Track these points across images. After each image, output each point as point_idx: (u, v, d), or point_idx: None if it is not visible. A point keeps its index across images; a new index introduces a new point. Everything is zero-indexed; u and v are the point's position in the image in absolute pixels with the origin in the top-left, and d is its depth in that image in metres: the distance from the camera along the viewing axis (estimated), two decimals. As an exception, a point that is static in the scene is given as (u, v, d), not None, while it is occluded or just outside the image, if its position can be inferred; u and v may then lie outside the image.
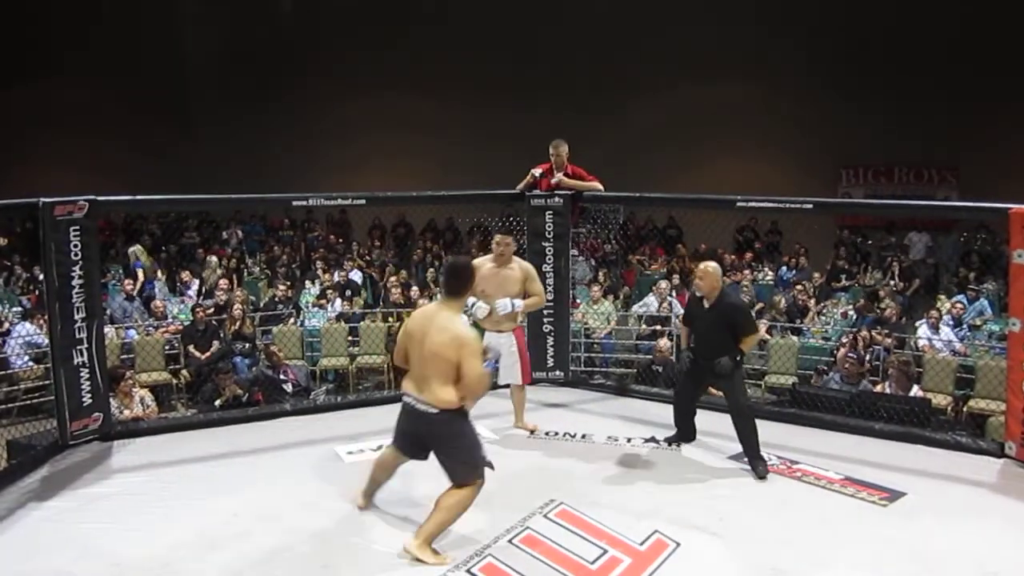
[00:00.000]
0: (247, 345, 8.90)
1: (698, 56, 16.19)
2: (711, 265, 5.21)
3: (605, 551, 4.02)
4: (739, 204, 6.74)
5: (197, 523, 4.35)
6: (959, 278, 11.72)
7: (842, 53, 15.84)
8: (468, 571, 3.82)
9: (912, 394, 7.02)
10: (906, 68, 15.44)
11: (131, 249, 12.09)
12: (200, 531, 4.25)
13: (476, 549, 4.00)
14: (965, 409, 7.79)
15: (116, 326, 9.07)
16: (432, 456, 4.03)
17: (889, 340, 8.47)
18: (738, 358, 5.14)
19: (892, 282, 11.33)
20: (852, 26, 15.86)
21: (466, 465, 3.92)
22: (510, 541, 4.12)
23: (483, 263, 5.52)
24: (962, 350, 8.54)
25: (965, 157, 15.75)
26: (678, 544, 4.10)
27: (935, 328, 8.74)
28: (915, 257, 13.03)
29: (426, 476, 4.28)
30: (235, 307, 9.21)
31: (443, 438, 3.91)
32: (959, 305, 9.25)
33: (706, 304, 5.18)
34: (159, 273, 11.53)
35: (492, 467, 3.99)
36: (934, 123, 15.34)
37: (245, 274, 12.24)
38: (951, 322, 8.89)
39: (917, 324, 9.14)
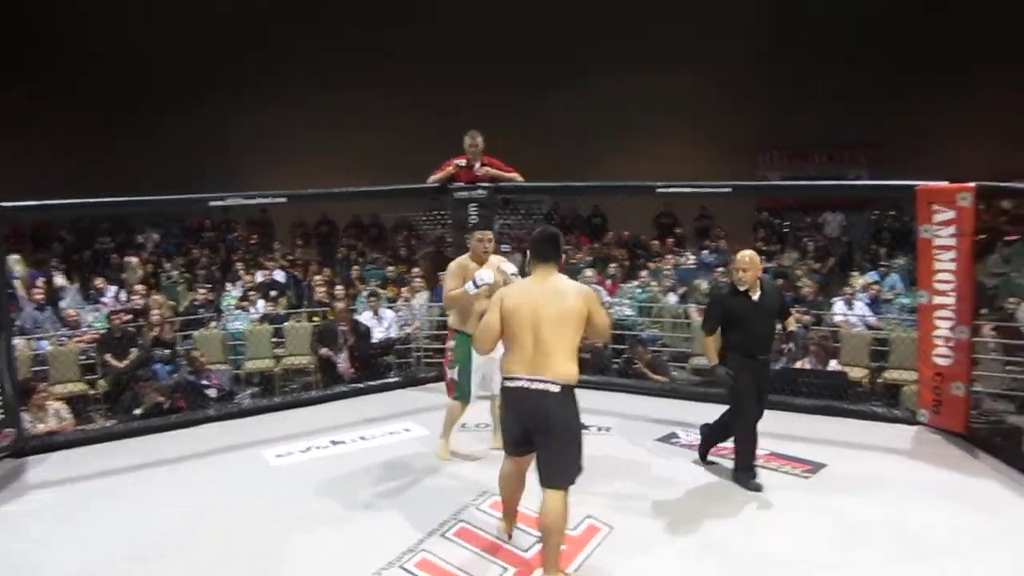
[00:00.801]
0: (167, 351, 8.65)
1: (619, 46, 16.35)
2: (749, 254, 4.82)
3: (539, 539, 4.03)
4: (659, 190, 6.86)
5: (119, 536, 4.21)
6: (871, 254, 12.13)
7: (757, 39, 16.21)
8: (402, 568, 3.79)
9: (830, 368, 7.25)
10: (818, 53, 15.89)
11: (9, 258, 11.49)
12: (123, 544, 4.12)
13: (410, 545, 3.97)
14: (880, 380, 8.07)
15: (27, 337, 8.71)
16: None
17: (807, 317, 8.70)
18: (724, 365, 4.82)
19: (809, 261, 11.66)
20: (766, 12, 16.25)
21: (566, 464, 3.58)
22: (443, 535, 4.10)
23: (468, 262, 5.11)
24: (876, 324, 8.83)
25: (875, 138, 16.32)
26: (611, 527, 4.14)
27: (850, 304, 9.02)
28: (830, 236, 13.43)
29: (355, 472, 4.23)
30: (153, 313, 8.94)
31: (561, 421, 3.55)
32: (876, 286, 9.56)
33: (753, 296, 4.76)
34: (68, 282, 11.10)
35: (582, 471, 3.65)
36: (846, 106, 15.84)
37: (163, 278, 11.89)
38: (869, 302, 9.17)
39: (833, 300, 9.42)
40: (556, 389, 3.50)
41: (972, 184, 5.29)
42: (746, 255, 4.80)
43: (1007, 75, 15.32)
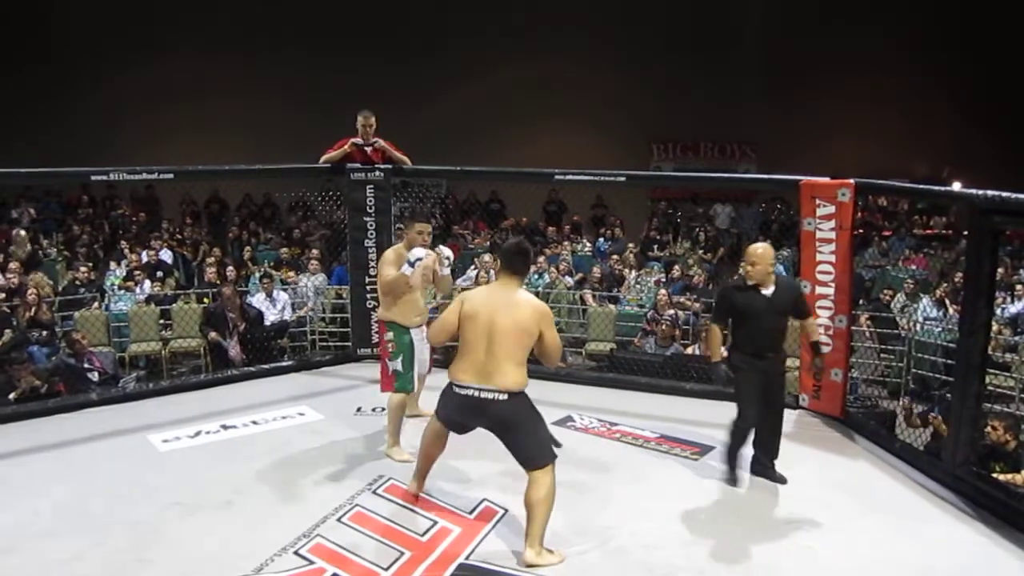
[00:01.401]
0: (44, 332, 8.22)
1: (518, 34, 16.44)
2: (760, 247, 4.60)
3: (435, 522, 4.05)
4: (557, 178, 6.98)
5: (-9, 526, 3.99)
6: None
7: (652, 33, 16.57)
8: (296, 553, 3.73)
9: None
10: (710, 48, 16.40)
11: None
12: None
13: (304, 530, 3.92)
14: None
15: None
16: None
17: (698, 305, 8.99)
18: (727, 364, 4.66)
19: (699, 251, 12.03)
20: (660, 6, 16.61)
21: (539, 446, 3.75)
22: (339, 519, 4.06)
23: (403, 251, 4.88)
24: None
25: (763, 133, 16.97)
26: (506, 510, 4.19)
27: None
28: (720, 227, 13.89)
29: (247, 457, 4.13)
30: (30, 292, 8.48)
31: (513, 423, 3.70)
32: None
33: (764, 291, 4.52)
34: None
35: (559, 444, 3.80)
36: (736, 101, 16.41)
37: (40, 256, 11.28)
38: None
39: (722, 289, 9.76)
40: (504, 398, 3.64)
41: (851, 181, 5.55)
42: (757, 248, 4.58)
43: (883, 84, 16.26)
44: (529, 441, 3.72)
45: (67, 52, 15.76)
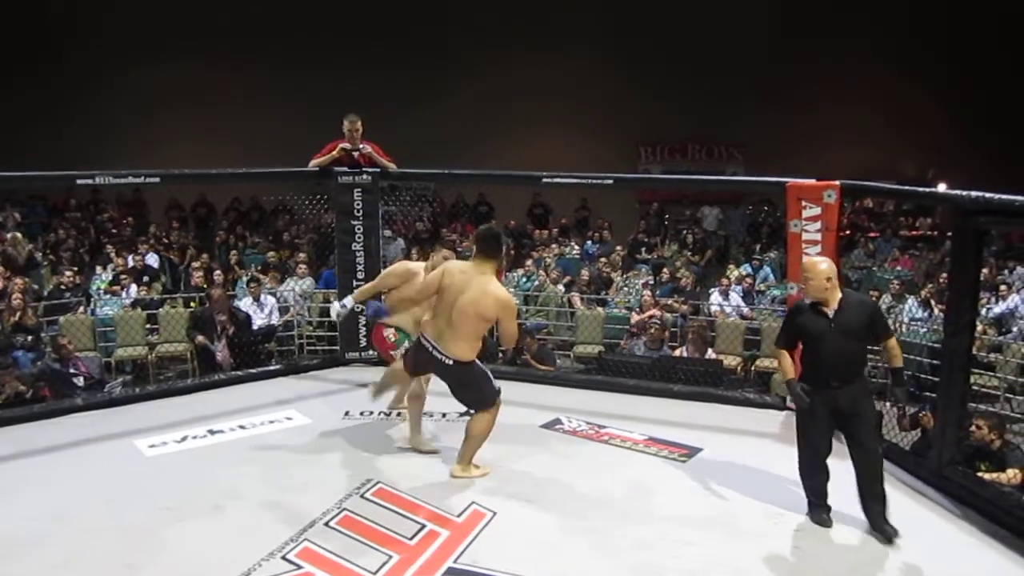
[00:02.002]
0: (29, 337, 8.18)
1: (506, 38, 16.46)
2: (820, 260, 4.14)
3: (423, 526, 4.04)
4: (544, 180, 6.99)
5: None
6: (746, 247, 12.68)
7: (639, 36, 16.62)
8: (284, 558, 3.71)
9: (707, 356, 7.54)
10: (698, 51, 16.46)
11: None
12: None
13: (292, 535, 3.90)
14: (753, 368, 8.46)
15: None
16: None
17: (685, 307, 9.02)
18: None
19: (687, 253, 12.08)
20: (649, 9, 16.68)
21: (480, 399, 4.48)
22: (327, 524, 4.04)
23: (419, 268, 5.19)
24: (749, 314, 9.24)
25: (751, 135, 17.04)
26: (495, 513, 4.18)
27: (726, 295, 9.40)
28: (708, 229, 13.94)
29: (235, 462, 4.10)
30: (14, 296, 8.42)
31: (459, 383, 4.46)
32: (749, 279, 9.98)
33: (828, 311, 3.99)
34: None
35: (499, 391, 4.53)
36: (724, 104, 16.48)
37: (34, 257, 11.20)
38: (742, 294, 9.58)
39: (710, 291, 9.79)
40: (451, 363, 4.35)
41: (837, 182, 5.58)
42: (812, 262, 4.10)
43: (870, 86, 16.37)
44: (472, 396, 4.51)
45: (61, 58, 15.68)
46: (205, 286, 9.26)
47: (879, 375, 7.73)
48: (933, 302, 8.78)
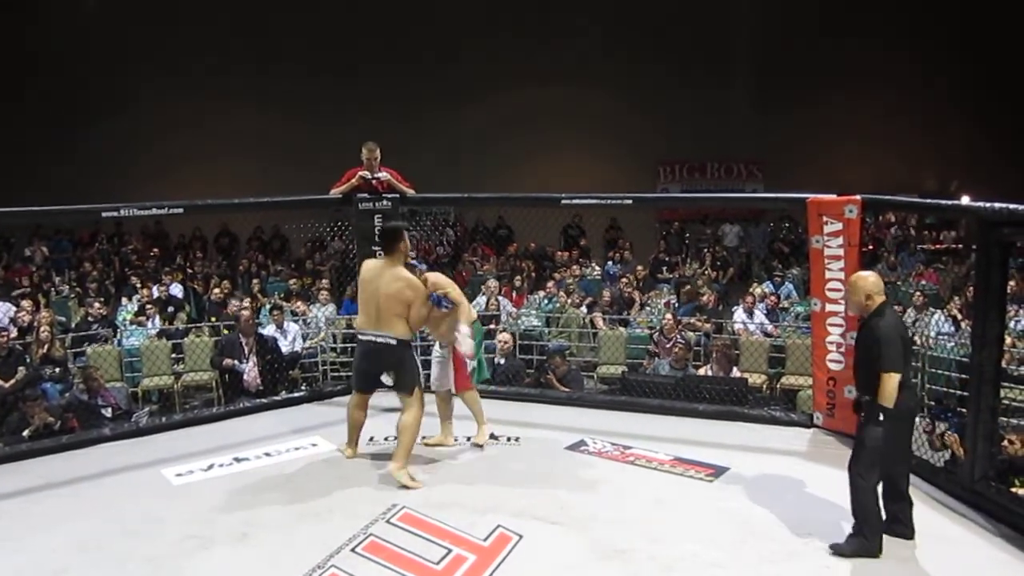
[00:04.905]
0: (57, 369, 8.28)
1: (525, 60, 16.58)
2: (856, 275, 4.16)
3: (449, 550, 4.02)
4: (564, 202, 6.96)
5: (10, 563, 3.99)
6: (768, 264, 12.61)
7: (655, 55, 16.69)
8: (311, 585, 3.72)
9: (732, 375, 7.47)
10: (715, 70, 16.51)
11: None
12: (15, 572, 3.90)
13: (318, 561, 3.90)
14: (778, 386, 8.38)
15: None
16: None
17: (708, 325, 8.97)
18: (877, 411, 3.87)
19: (708, 271, 12.03)
20: (663, 30, 16.74)
21: (411, 381, 4.95)
22: (353, 550, 4.04)
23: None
24: (773, 331, 9.17)
25: (769, 152, 17.01)
26: (521, 536, 4.16)
27: (750, 312, 9.34)
28: (729, 246, 13.89)
29: (261, 489, 4.10)
30: (42, 329, 8.53)
31: (396, 361, 4.90)
32: (773, 297, 9.92)
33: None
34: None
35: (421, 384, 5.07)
36: (741, 121, 16.47)
37: (53, 293, 11.36)
38: (766, 311, 9.51)
39: (733, 309, 9.73)
40: (394, 342, 4.85)
41: (858, 197, 5.54)
42: (855, 277, 4.12)
43: (890, 98, 16.30)
44: (406, 378, 4.94)
45: (71, 88, 15.96)
46: (230, 314, 9.33)
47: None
48: (960, 316, 8.66)
